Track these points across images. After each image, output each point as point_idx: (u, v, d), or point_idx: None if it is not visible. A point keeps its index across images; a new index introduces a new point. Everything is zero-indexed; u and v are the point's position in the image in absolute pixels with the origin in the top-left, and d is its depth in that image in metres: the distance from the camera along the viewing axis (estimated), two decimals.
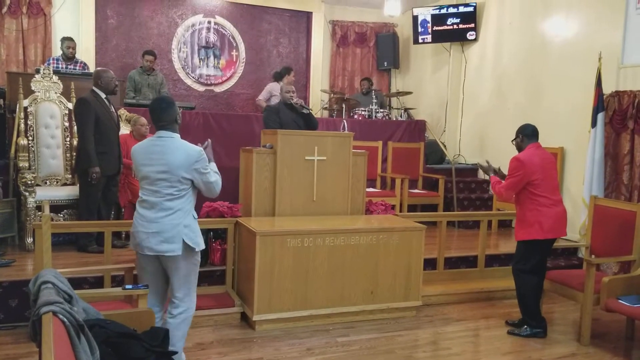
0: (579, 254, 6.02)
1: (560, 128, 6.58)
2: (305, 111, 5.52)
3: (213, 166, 3.45)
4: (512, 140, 4.48)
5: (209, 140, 3.59)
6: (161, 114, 3.32)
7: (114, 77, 5.35)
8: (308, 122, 5.54)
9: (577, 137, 6.29)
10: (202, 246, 3.38)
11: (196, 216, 3.40)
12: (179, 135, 3.36)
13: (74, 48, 7.15)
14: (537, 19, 7.18)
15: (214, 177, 3.38)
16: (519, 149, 4.41)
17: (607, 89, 5.88)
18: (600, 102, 5.79)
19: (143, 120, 5.74)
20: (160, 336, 2.87)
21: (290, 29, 9.89)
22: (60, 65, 6.91)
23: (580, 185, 6.01)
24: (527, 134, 4.38)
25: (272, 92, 8.13)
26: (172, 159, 3.23)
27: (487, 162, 4.76)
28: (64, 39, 7.17)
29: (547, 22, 7.03)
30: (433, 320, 4.68)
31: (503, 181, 4.42)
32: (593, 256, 4.75)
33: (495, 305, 5.08)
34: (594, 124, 5.80)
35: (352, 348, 4.02)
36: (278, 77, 8.20)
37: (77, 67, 7.11)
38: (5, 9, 7.87)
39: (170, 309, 3.38)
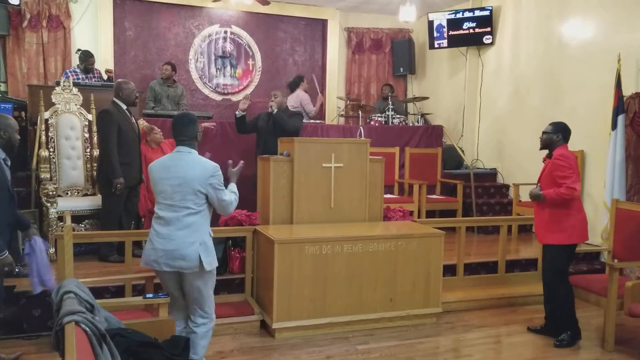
0: (601, 258, 5.94)
1: (580, 131, 6.47)
2: (271, 111, 5.69)
3: (233, 187, 3.50)
4: (544, 134, 4.32)
5: (242, 162, 3.70)
6: (183, 129, 3.38)
7: (135, 89, 5.41)
8: (276, 125, 5.63)
9: (597, 140, 6.22)
10: (216, 264, 3.40)
11: (212, 234, 3.43)
12: (196, 152, 3.42)
13: (94, 64, 7.25)
14: (554, 21, 7.13)
15: (229, 196, 3.40)
16: (547, 146, 4.30)
17: (627, 91, 5.81)
18: (620, 104, 5.72)
19: (156, 128, 5.84)
20: (181, 345, 2.90)
21: (305, 37, 9.94)
22: (79, 77, 7.01)
23: (601, 188, 5.93)
24: (566, 136, 4.28)
25: (301, 100, 8.07)
26: (188, 172, 3.28)
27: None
28: (84, 55, 7.21)
29: (564, 25, 6.98)
30: (454, 327, 4.64)
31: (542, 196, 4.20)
32: (616, 260, 4.68)
33: (517, 311, 5.03)
34: (614, 126, 5.73)
35: (372, 356, 4.01)
36: (293, 86, 8.20)
37: (95, 75, 7.20)
38: (25, 23, 8.03)
39: (194, 319, 3.41)
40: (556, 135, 4.27)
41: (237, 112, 5.89)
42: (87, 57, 7.18)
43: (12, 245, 3.47)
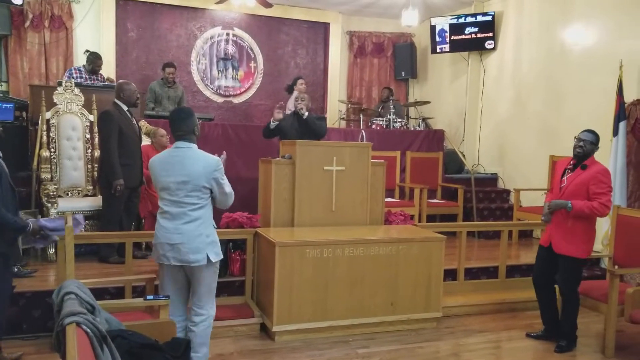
0: (602, 264, 5.93)
1: None
2: (302, 114, 5.57)
3: (225, 180, 3.48)
4: (590, 144, 4.15)
5: (225, 153, 3.64)
6: (180, 124, 3.37)
7: (136, 90, 5.40)
8: (307, 128, 5.54)
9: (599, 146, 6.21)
10: (221, 256, 3.43)
11: (215, 225, 3.44)
12: (196, 146, 3.40)
13: (100, 66, 7.24)
14: (557, 27, 7.14)
15: (229, 188, 3.42)
16: (586, 155, 4.16)
17: (629, 97, 5.81)
18: (622, 111, 5.72)
19: (162, 131, 5.82)
20: (182, 347, 2.89)
21: (307, 40, 9.94)
22: (83, 76, 6.99)
23: None
24: (598, 147, 4.22)
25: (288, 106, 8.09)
26: (191, 168, 3.27)
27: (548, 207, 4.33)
28: (93, 56, 7.17)
29: (566, 31, 6.99)
30: (454, 331, 4.64)
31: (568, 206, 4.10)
32: (616, 267, 4.67)
33: (517, 317, 5.02)
34: (615, 132, 5.73)
35: None
36: (290, 90, 8.21)
37: (99, 79, 7.19)
38: (28, 23, 8.02)
39: (193, 318, 3.41)
40: (595, 147, 4.19)
41: (271, 123, 5.66)
42: (95, 59, 7.14)
43: (14, 245, 3.46)
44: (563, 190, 4.20)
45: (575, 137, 4.25)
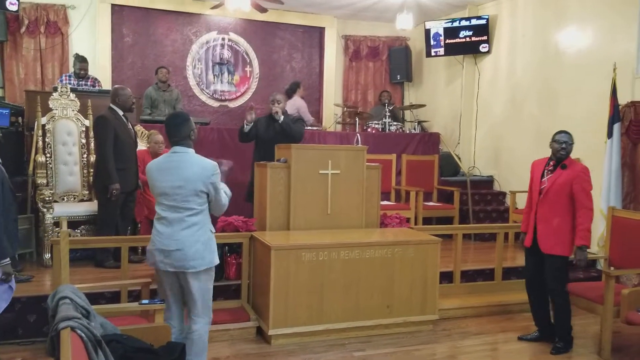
0: (598, 265, 5.94)
1: (576, 139, 6.42)
2: (277, 118, 5.56)
3: (224, 185, 3.47)
4: (570, 145, 4.29)
5: (232, 162, 3.66)
6: (176, 130, 3.34)
7: (131, 95, 5.41)
8: (283, 131, 5.53)
9: (593, 148, 6.24)
10: (217, 262, 3.40)
11: (214, 230, 3.42)
12: (193, 150, 3.39)
13: (86, 70, 7.24)
14: (550, 30, 7.17)
15: (224, 195, 3.41)
16: (567, 156, 4.28)
17: (623, 100, 5.84)
18: (616, 113, 5.75)
19: (159, 137, 5.78)
20: (177, 351, 2.89)
21: (303, 44, 9.96)
22: (72, 82, 7.01)
23: (598, 196, 5.91)
24: None
25: (298, 107, 8.07)
26: (188, 173, 3.26)
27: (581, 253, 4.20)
28: (77, 60, 7.22)
29: (560, 33, 7.02)
30: (450, 334, 4.64)
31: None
32: (612, 268, 4.68)
33: (513, 319, 5.03)
34: (610, 134, 5.76)
35: None
36: (290, 93, 8.22)
37: (89, 83, 7.21)
38: (23, 29, 8.02)
39: (190, 326, 3.37)
40: (571, 147, 4.28)
41: (245, 126, 5.63)
42: (78, 62, 7.18)
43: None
44: (544, 191, 4.24)
45: (553, 141, 4.32)
